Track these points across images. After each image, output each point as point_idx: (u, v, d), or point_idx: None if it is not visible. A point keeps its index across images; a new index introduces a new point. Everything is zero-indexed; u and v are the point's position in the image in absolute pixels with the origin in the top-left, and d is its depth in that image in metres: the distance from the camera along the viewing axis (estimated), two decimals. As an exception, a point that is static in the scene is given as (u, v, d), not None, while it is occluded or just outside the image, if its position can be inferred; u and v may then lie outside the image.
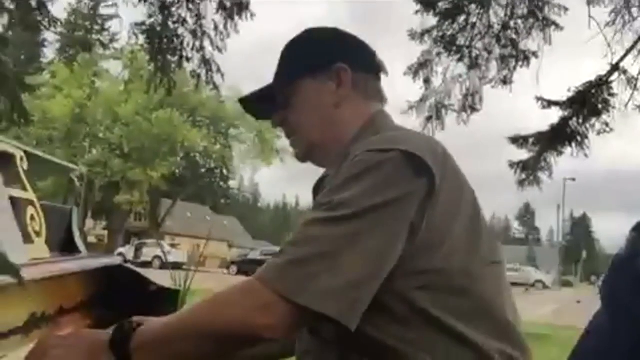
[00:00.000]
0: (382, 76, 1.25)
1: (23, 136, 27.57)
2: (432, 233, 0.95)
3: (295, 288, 0.87)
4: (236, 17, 7.18)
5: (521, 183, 8.51)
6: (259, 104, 1.28)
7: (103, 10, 40.35)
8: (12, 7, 7.85)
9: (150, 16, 7.31)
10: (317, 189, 1.16)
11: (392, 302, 0.94)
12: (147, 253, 26.97)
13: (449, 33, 7.92)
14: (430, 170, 0.94)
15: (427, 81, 8.31)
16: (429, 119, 8.58)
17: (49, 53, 41.45)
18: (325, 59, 1.18)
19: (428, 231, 0.94)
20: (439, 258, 0.96)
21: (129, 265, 1.98)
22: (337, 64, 1.16)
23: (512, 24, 7.60)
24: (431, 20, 8.25)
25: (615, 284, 0.69)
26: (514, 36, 7.64)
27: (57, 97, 30.24)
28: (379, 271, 0.91)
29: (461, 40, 7.94)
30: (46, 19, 8.02)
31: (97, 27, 40.57)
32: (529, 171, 8.29)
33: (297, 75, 1.19)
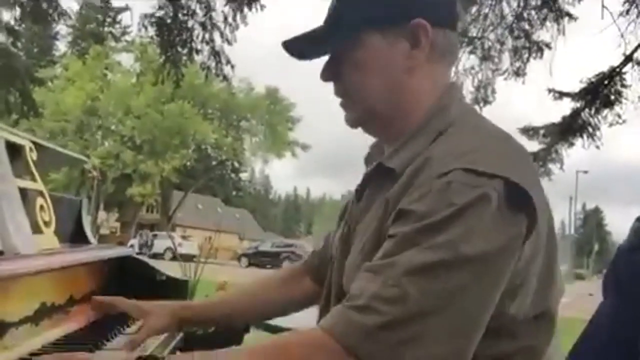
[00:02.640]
0: None
1: (36, 128, 27.79)
2: (514, 277, 0.82)
3: (391, 357, 0.75)
4: (245, 9, 7.17)
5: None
6: (308, 44, 1.04)
7: (115, 3, 40.42)
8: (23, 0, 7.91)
9: (160, 8, 7.33)
10: (374, 179, 0.99)
11: None
12: (159, 245, 27.12)
13: (460, 24, 7.84)
14: (533, 206, 0.82)
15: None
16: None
17: (62, 46, 41.70)
18: (400, 11, 0.96)
19: (511, 275, 0.81)
20: (513, 302, 0.84)
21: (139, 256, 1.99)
22: (414, 19, 0.94)
23: (525, 14, 7.52)
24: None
25: (618, 273, 0.68)
26: (527, 27, 7.55)
27: (70, 90, 30.43)
28: (480, 331, 0.79)
29: (473, 32, 7.87)
30: (55, 12, 8.06)
31: (108, 20, 40.70)
32: (540, 163, 8.21)
33: (362, 25, 0.97)
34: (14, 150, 1.41)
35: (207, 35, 7.32)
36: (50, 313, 1.26)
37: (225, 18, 7.29)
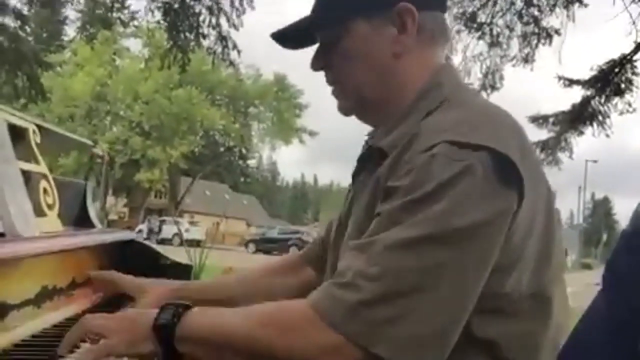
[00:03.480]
0: None
1: (45, 113, 27.89)
2: (507, 253, 0.80)
3: (371, 335, 0.75)
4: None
5: (540, 163, 8.41)
6: (296, 35, 1.05)
7: (123, -12, 40.34)
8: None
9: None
10: (367, 161, 0.99)
11: None
12: (167, 230, 27.28)
13: (469, 10, 7.79)
14: (520, 178, 0.79)
15: (446, 59, 8.19)
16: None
17: (70, 31, 41.72)
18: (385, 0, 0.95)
19: (503, 251, 0.79)
20: (508, 280, 0.82)
21: (145, 241, 1.99)
22: (399, 3, 0.94)
23: (534, 0, 7.45)
24: (452, -4, 8.14)
25: (620, 259, 0.67)
26: (536, 13, 7.48)
27: (79, 75, 30.49)
28: (466, 310, 0.78)
29: (482, 17, 7.81)
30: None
31: (117, 5, 40.63)
32: (549, 151, 8.18)
33: (348, 14, 0.97)
34: (17, 133, 1.41)
35: (213, 20, 7.31)
36: (52, 296, 1.26)
37: (232, 2, 7.27)
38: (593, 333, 0.69)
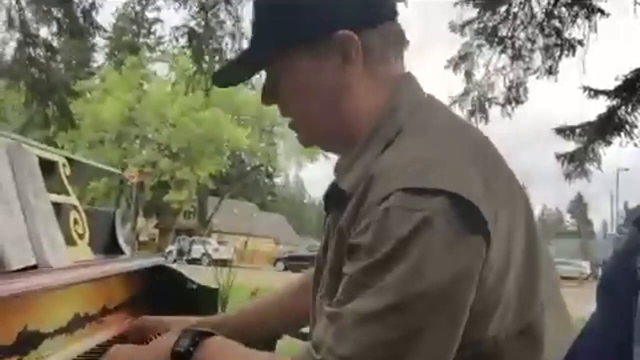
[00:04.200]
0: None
1: (76, 139, 28.50)
2: (483, 299, 0.76)
3: None
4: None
5: (568, 175, 8.29)
6: (234, 70, 1.00)
7: (149, 14, 41.23)
8: (59, 15, 8.16)
9: (192, 18, 7.48)
10: (331, 201, 0.94)
11: None
12: (196, 250, 27.49)
13: (490, 24, 7.78)
14: (485, 224, 0.74)
15: (468, 74, 8.19)
16: (472, 113, 8.45)
17: (99, 57, 42.70)
18: (322, 26, 0.87)
19: (479, 299, 0.75)
20: (490, 324, 0.78)
21: (174, 264, 2.03)
22: (338, 31, 0.86)
23: (555, 12, 7.40)
24: (471, 11, 8.14)
25: (611, 282, 0.68)
26: (558, 25, 7.43)
27: (107, 100, 31.11)
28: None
29: (503, 31, 7.78)
30: (91, 26, 8.31)
31: (143, 31, 41.53)
32: (577, 163, 8.07)
33: (288, 50, 0.90)
34: (48, 167, 1.47)
35: (236, 45, 7.43)
36: (83, 323, 1.30)
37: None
38: (590, 342, 0.70)
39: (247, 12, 7.31)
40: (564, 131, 8.23)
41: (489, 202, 0.75)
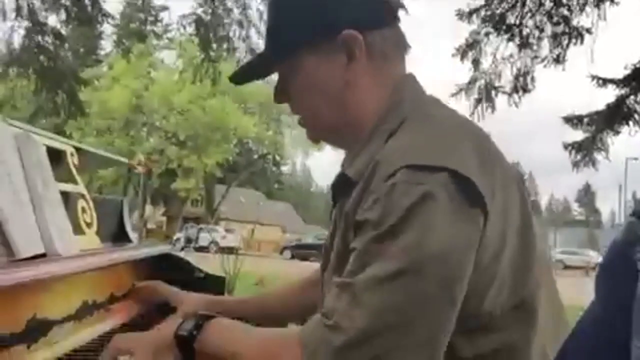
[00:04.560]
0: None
1: (84, 126, 28.59)
2: (479, 273, 0.80)
3: None
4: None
5: (576, 164, 8.24)
6: (250, 72, 1.07)
7: (156, 2, 41.16)
8: (67, 3, 8.17)
9: (199, 5, 7.47)
10: (338, 190, 0.99)
11: None
12: (204, 238, 27.61)
13: (498, 12, 7.70)
14: (482, 198, 0.79)
15: (475, 62, 8.13)
16: (478, 101, 8.39)
17: (107, 45, 42.71)
18: (327, 28, 0.94)
19: (475, 272, 0.79)
20: (486, 298, 0.82)
21: (182, 252, 2.05)
22: (343, 31, 0.93)
23: (564, 0, 7.33)
24: (479, -2, 8.05)
25: (610, 271, 0.69)
26: (566, 12, 7.36)
27: (115, 88, 31.14)
28: (446, 335, 0.78)
29: (511, 19, 7.70)
30: (99, 14, 8.31)
31: (150, 19, 41.44)
32: (584, 152, 8.02)
33: (295, 46, 0.97)
34: (55, 156, 1.48)
35: (243, 33, 7.42)
36: (92, 310, 1.32)
37: (261, 15, 7.37)
38: (589, 331, 0.70)
39: (254, 0, 7.31)
40: (572, 120, 8.18)
41: (486, 181, 0.81)
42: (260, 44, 7.54)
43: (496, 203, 0.81)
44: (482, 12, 7.92)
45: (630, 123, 7.57)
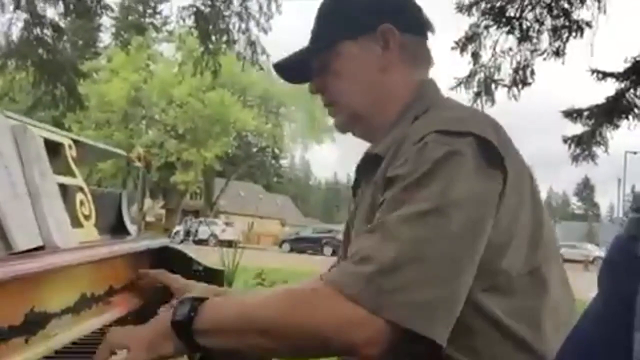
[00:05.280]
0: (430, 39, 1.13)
1: (82, 119, 28.54)
2: (499, 231, 0.87)
3: (385, 303, 0.79)
4: (280, -2, 7.23)
5: (575, 158, 8.24)
6: (295, 68, 1.17)
7: (155, -6, 40.99)
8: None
9: (197, -1, 7.44)
10: (363, 170, 1.08)
11: None
12: (203, 231, 27.63)
13: (497, 4, 7.67)
14: (502, 160, 0.88)
15: (475, 55, 8.11)
16: (478, 94, 8.37)
17: (106, 38, 42.58)
18: (369, 20, 1.07)
19: (495, 230, 0.86)
20: (504, 258, 0.88)
21: (181, 244, 2.04)
22: (382, 24, 1.06)
23: (564, -7, 7.31)
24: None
25: (613, 266, 0.69)
26: (566, 5, 7.33)
27: (114, 81, 31.08)
28: (469, 276, 0.84)
29: (511, 12, 7.68)
30: (98, 5, 8.28)
31: (149, 11, 41.30)
32: (584, 146, 8.02)
33: (336, 38, 1.08)
34: (53, 148, 1.48)
35: (243, 25, 7.40)
36: (90, 303, 1.32)
37: (260, 7, 7.35)
38: (589, 328, 0.70)
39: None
40: (572, 114, 8.17)
41: (504, 149, 0.89)
42: (260, 36, 7.54)
43: (512, 170, 0.89)
44: (482, 5, 7.89)
45: (630, 117, 7.57)
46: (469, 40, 8.07)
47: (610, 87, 7.70)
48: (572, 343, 0.72)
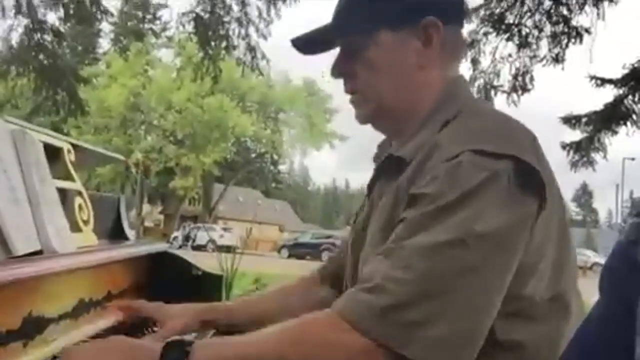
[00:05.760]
0: None
1: (81, 125, 28.52)
2: (528, 256, 0.83)
3: (400, 338, 0.76)
4: (279, 3, 7.24)
5: (574, 164, 8.25)
6: (314, 42, 1.07)
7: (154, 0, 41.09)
8: (65, 0, 8.15)
9: (198, 3, 7.46)
10: (384, 170, 1.00)
11: None
12: (201, 237, 27.59)
13: (497, 11, 7.69)
14: (543, 184, 0.83)
15: (474, 61, 8.12)
16: (477, 100, 8.33)
17: (105, 43, 42.62)
18: (413, 11, 0.97)
19: (526, 253, 0.82)
20: (529, 284, 0.84)
21: (179, 250, 2.04)
22: (426, 17, 0.96)
23: (563, -1, 7.33)
24: (478, -2, 8.04)
25: (614, 271, 0.69)
26: (565, 12, 7.35)
27: (113, 87, 31.09)
28: (492, 313, 0.80)
29: (510, 19, 7.69)
30: (98, 11, 8.29)
31: (149, 17, 41.39)
32: (582, 152, 8.03)
33: (375, 26, 0.98)
34: (52, 153, 1.47)
35: (242, 31, 7.42)
36: (88, 308, 1.31)
37: (260, 13, 7.37)
38: (591, 332, 0.70)
39: (253, -2, 7.30)
40: (570, 120, 8.18)
41: (544, 172, 0.84)
42: (260, 42, 7.56)
43: (550, 195, 0.85)
44: (481, 12, 7.91)
45: (628, 123, 7.58)
46: (469, 47, 8.07)
47: (609, 94, 7.73)
48: (574, 347, 0.72)
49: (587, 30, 7.38)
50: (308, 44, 1.07)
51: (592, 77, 7.61)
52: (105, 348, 0.88)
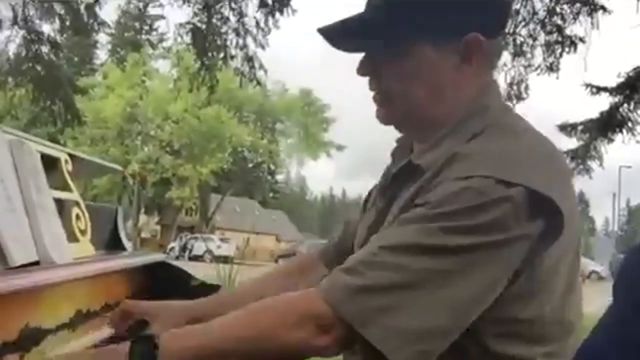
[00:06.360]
0: None
1: (78, 135, 28.51)
2: (533, 283, 0.83)
3: (363, 319, 0.78)
4: (277, 14, 7.27)
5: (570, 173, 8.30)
6: (347, 35, 0.99)
7: (151, 11, 41.24)
8: (62, 11, 8.18)
9: (195, 14, 7.48)
10: (400, 177, 0.99)
11: (463, 341, 0.82)
12: (198, 247, 27.53)
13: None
14: (555, 213, 0.81)
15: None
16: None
17: (102, 54, 42.69)
18: (455, 24, 0.92)
19: (528, 281, 0.83)
20: (531, 308, 0.84)
21: (176, 261, 2.03)
22: (468, 34, 0.92)
23: (557, 9, 7.36)
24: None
25: (629, 276, 0.69)
26: (559, 21, 7.40)
27: (110, 97, 31.10)
28: (461, 322, 0.80)
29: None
30: (94, 23, 8.32)
31: (145, 28, 41.52)
32: (579, 160, 8.06)
33: (416, 36, 0.93)
34: (50, 163, 1.47)
35: (240, 41, 7.43)
36: (86, 319, 1.31)
37: (257, 23, 7.39)
38: (603, 337, 0.70)
39: (251, 9, 7.32)
40: (566, 128, 8.22)
41: (566, 202, 0.83)
42: (258, 52, 7.58)
43: (569, 227, 0.83)
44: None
45: (624, 131, 7.62)
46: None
47: (605, 102, 7.77)
48: (585, 349, 0.71)
49: (582, 39, 7.43)
50: (341, 38, 1.00)
51: (588, 85, 7.66)
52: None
